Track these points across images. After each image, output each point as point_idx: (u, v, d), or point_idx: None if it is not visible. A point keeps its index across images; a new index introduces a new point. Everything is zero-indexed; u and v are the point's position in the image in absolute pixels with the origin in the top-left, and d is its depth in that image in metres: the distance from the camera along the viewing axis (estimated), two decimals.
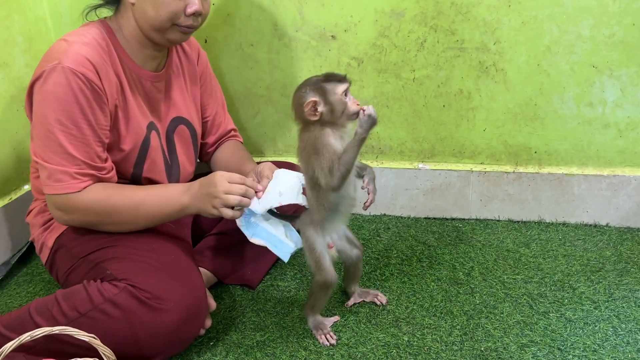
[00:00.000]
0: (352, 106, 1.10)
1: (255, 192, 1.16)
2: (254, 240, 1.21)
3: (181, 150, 1.35)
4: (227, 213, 1.13)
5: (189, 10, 1.15)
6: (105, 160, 1.17)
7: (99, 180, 1.15)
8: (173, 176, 1.33)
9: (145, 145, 1.25)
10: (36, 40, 1.67)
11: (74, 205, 1.14)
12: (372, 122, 1.06)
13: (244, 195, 1.12)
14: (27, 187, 1.64)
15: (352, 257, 1.27)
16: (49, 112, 1.10)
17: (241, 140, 1.52)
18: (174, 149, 1.34)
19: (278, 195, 1.17)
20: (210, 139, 1.46)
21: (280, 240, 1.21)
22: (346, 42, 1.61)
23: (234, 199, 1.12)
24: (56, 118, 1.10)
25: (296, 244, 1.23)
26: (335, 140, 1.10)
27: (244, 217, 1.20)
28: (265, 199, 1.16)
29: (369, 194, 1.18)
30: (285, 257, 1.22)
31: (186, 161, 1.37)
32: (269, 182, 1.19)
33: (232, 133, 1.51)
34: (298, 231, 1.22)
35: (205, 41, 1.67)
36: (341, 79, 1.10)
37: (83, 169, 1.13)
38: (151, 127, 1.26)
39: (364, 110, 1.06)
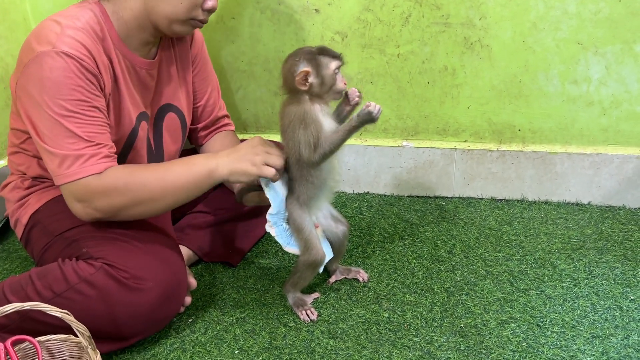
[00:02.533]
0: (340, 84, 1.11)
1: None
2: (288, 249, 1.20)
3: (168, 139, 1.30)
4: (269, 171, 1.10)
5: (207, 5, 1.11)
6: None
7: (112, 159, 1.10)
8: None
9: (132, 137, 1.20)
10: (11, 12, 1.62)
11: (95, 190, 1.06)
12: (369, 117, 1.07)
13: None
14: (2, 163, 1.61)
15: (339, 235, 1.26)
16: (50, 99, 1.03)
17: (233, 128, 1.47)
18: (161, 137, 1.29)
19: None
20: (201, 125, 1.41)
21: None
22: (330, 15, 1.58)
23: (277, 159, 1.11)
24: (59, 104, 1.03)
25: (329, 255, 1.23)
26: (324, 117, 1.11)
27: (277, 227, 1.20)
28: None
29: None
30: (320, 268, 1.21)
31: (172, 149, 1.33)
32: None
33: (225, 121, 1.45)
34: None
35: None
36: (335, 55, 1.10)
37: (97, 149, 1.07)
38: (141, 117, 1.21)
39: (368, 105, 1.06)
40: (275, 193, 1.16)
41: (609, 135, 1.59)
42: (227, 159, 1.11)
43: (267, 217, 1.18)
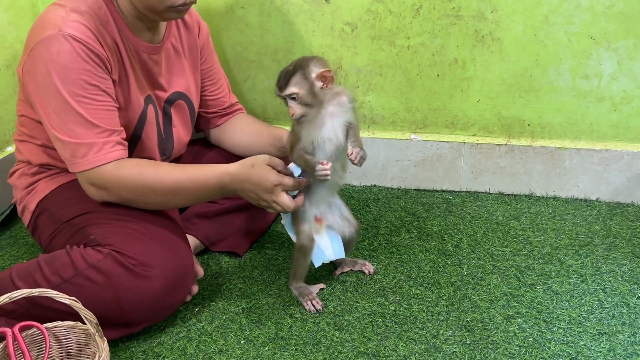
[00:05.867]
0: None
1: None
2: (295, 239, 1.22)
3: (178, 125, 1.31)
4: (276, 208, 1.13)
5: None
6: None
7: (124, 146, 1.11)
8: (167, 151, 1.29)
9: (142, 120, 1.20)
10: None
11: (107, 180, 1.09)
12: (312, 173, 1.11)
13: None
14: (10, 149, 1.61)
15: (345, 235, 1.25)
16: (59, 83, 1.04)
17: (244, 111, 1.48)
18: (170, 123, 1.29)
19: None
20: (210, 110, 1.42)
21: (317, 246, 1.21)
22: (340, 6, 1.57)
23: (283, 208, 1.12)
24: (69, 89, 1.04)
25: (335, 255, 1.22)
26: (305, 127, 1.11)
27: (287, 217, 1.21)
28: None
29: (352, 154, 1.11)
30: (316, 263, 1.21)
31: (182, 135, 1.33)
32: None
33: (237, 106, 1.47)
34: None
35: (195, 2, 1.62)
36: (277, 89, 1.11)
37: (108, 136, 1.08)
38: (148, 100, 1.22)
39: (322, 163, 1.09)
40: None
41: (619, 131, 1.57)
42: (240, 186, 1.12)
43: None
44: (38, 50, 1.04)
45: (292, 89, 1.08)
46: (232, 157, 1.42)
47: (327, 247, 1.21)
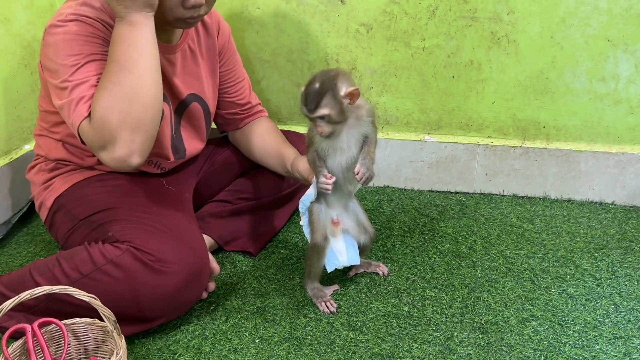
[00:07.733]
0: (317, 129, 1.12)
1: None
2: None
3: (190, 127, 1.32)
4: None
5: (188, 3, 1.07)
6: None
7: None
8: (179, 150, 1.30)
9: None
10: None
11: (93, 132, 1.02)
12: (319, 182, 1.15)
13: None
14: (28, 147, 1.63)
15: (360, 241, 1.25)
16: (61, 53, 1.03)
17: (266, 114, 1.48)
18: (179, 124, 1.30)
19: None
20: (230, 111, 1.42)
21: (331, 250, 1.22)
22: (355, 7, 1.57)
23: None
24: (67, 55, 1.03)
25: (350, 261, 1.22)
26: (313, 135, 1.14)
27: (305, 217, 1.22)
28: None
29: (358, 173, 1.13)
30: (329, 268, 1.22)
31: (195, 138, 1.34)
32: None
33: (259, 108, 1.47)
34: None
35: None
36: (306, 110, 1.09)
37: (86, 88, 1.04)
38: (163, 98, 1.22)
39: (326, 176, 1.13)
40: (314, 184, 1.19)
41: (636, 134, 1.56)
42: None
43: (300, 202, 1.21)
44: (45, 36, 1.07)
45: (323, 111, 1.07)
46: (246, 156, 1.44)
47: (341, 253, 1.22)
